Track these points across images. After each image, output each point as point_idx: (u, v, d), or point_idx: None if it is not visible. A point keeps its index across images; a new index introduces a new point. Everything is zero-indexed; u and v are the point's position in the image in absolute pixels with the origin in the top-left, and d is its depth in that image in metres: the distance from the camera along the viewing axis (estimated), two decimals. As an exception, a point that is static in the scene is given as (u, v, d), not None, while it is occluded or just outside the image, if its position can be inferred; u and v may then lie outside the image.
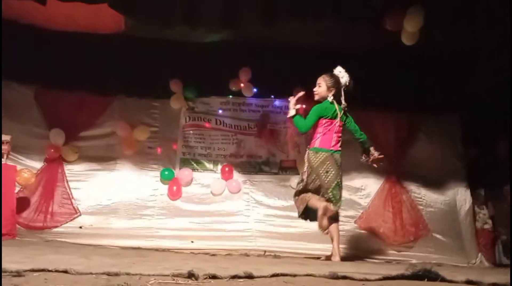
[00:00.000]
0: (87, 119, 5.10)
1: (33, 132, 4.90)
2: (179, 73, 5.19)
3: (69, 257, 2.60)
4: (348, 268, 2.52)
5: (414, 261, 4.52)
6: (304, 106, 4.18)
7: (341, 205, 3.69)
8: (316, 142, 3.68)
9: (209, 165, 5.22)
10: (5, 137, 4.33)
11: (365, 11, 3.90)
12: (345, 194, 5.10)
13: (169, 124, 5.26)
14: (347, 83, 3.73)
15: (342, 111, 3.72)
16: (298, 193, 3.76)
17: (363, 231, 5.02)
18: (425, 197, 5.19)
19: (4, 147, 4.30)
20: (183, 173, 5.08)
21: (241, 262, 2.82)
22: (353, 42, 4.84)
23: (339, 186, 3.65)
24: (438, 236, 5.02)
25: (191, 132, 5.27)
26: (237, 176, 5.17)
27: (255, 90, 5.32)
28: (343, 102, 3.72)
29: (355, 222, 5.04)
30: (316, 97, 3.76)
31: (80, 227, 4.72)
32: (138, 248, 4.17)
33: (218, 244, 4.61)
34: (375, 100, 5.22)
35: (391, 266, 3.13)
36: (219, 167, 5.19)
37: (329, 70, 5.15)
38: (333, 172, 3.61)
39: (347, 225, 5.00)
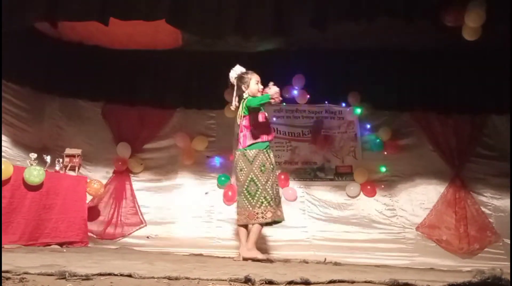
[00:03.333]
0: (151, 132, 5.35)
1: (100, 146, 5.22)
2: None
3: (134, 262, 2.73)
4: (412, 276, 2.41)
5: (485, 269, 4.22)
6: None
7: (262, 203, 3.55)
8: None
9: (264, 173, 5.24)
10: (76, 151, 4.70)
11: (421, 8, 3.71)
12: (406, 200, 4.95)
13: (226, 133, 5.36)
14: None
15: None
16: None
17: (427, 238, 4.81)
18: (493, 201, 4.89)
19: (75, 160, 4.65)
20: (238, 182, 5.14)
21: (299, 269, 2.80)
22: (410, 42, 4.68)
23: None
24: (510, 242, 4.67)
25: (245, 140, 5.34)
26: (292, 183, 5.14)
27: (308, 96, 5.30)
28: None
29: (417, 229, 4.85)
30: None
31: (147, 237, 4.94)
32: (200, 255, 4.28)
33: (275, 253, 4.59)
34: (437, 101, 5.05)
35: (459, 274, 2.94)
36: (275, 174, 5.19)
37: (383, 72, 5.06)
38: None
39: (409, 232, 4.82)
